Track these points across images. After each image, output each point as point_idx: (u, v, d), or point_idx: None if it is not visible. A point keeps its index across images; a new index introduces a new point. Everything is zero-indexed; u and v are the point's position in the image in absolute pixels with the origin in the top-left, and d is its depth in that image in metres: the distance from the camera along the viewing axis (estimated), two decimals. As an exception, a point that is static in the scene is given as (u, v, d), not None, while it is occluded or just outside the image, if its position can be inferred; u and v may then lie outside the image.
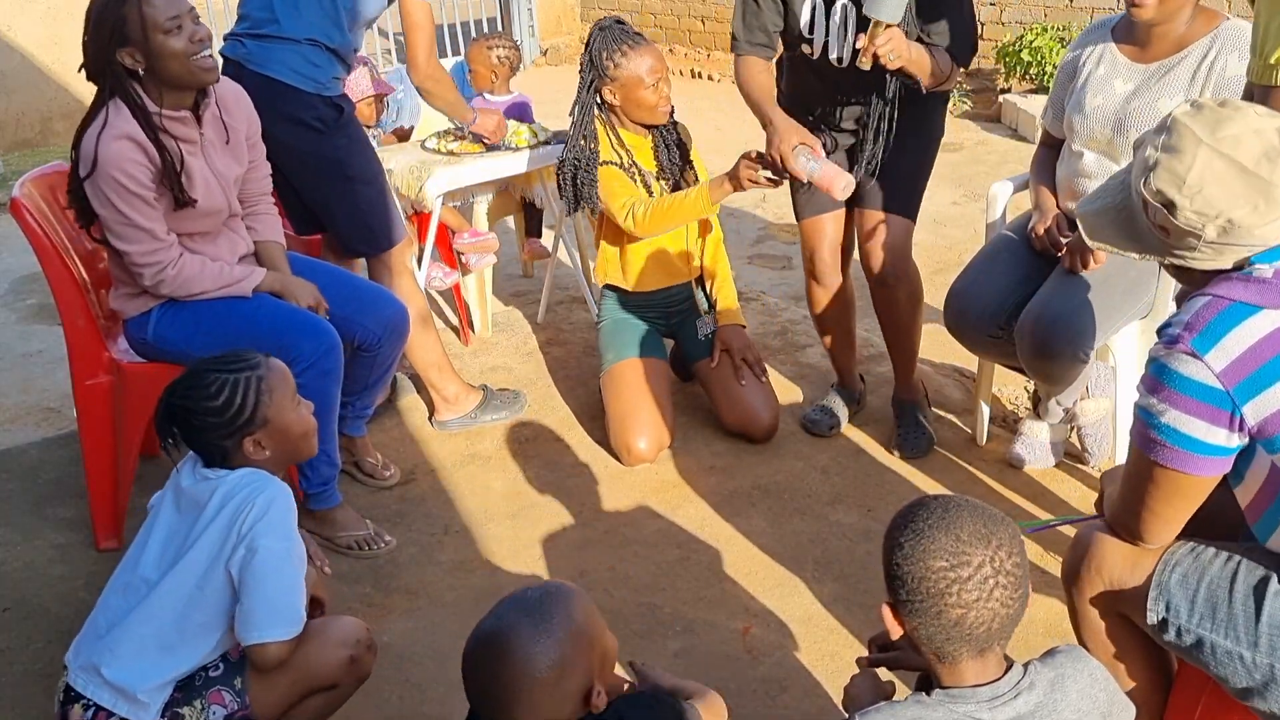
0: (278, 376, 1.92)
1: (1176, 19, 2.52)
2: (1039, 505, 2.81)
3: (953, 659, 1.35)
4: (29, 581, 2.71)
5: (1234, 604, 1.53)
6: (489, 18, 9.29)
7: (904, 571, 1.35)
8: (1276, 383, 1.43)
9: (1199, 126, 1.48)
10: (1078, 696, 1.37)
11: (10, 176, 6.20)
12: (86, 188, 2.41)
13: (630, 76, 3.10)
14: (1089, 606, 1.72)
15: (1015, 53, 6.80)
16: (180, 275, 2.50)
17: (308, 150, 2.93)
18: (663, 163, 3.27)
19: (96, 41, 2.39)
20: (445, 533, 2.86)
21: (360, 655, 1.91)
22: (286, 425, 1.91)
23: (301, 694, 1.86)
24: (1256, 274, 1.47)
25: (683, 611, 2.50)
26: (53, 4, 7.17)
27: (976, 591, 1.31)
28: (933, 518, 1.36)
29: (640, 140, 3.25)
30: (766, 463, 3.09)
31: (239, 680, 1.82)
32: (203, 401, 1.85)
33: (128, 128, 2.38)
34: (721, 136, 6.67)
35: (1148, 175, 1.51)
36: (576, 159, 3.17)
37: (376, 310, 2.85)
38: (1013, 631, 1.36)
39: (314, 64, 2.92)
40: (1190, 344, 1.46)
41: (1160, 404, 1.50)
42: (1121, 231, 1.60)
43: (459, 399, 3.34)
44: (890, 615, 1.39)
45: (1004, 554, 1.33)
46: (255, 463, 1.88)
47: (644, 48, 3.12)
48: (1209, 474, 1.52)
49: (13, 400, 3.71)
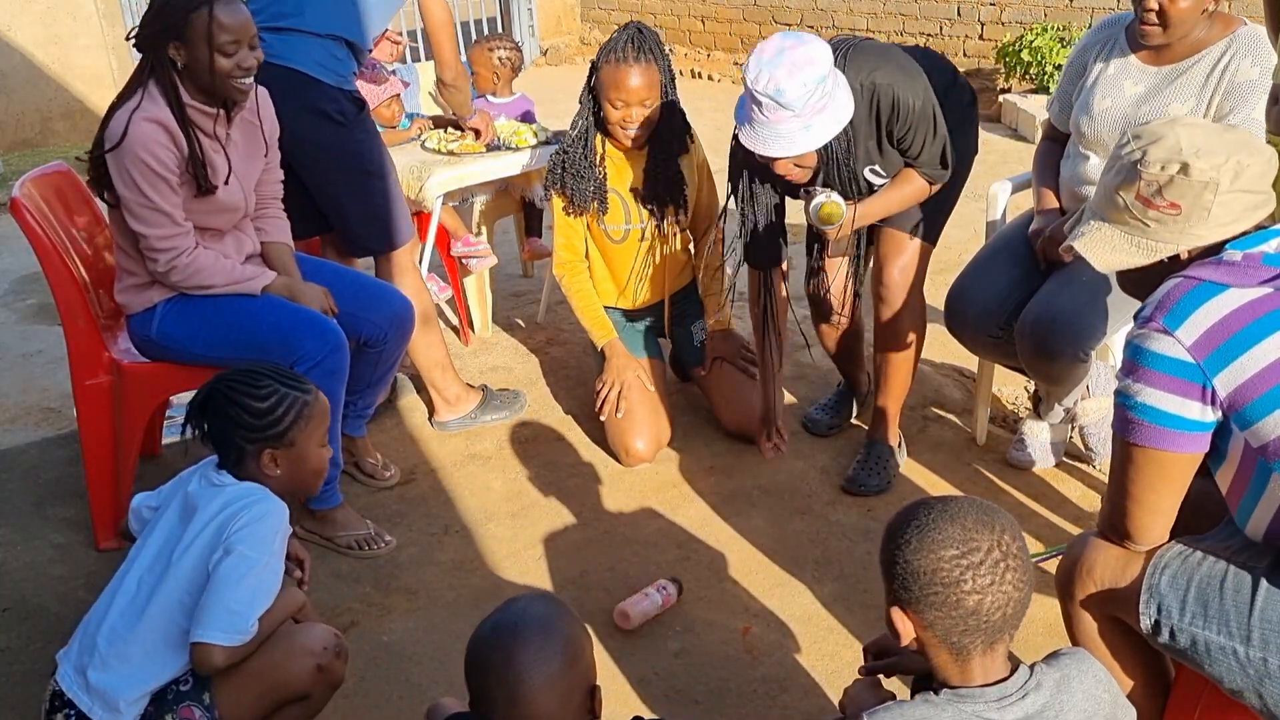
0: (320, 410, 1.97)
1: (1191, 31, 2.52)
2: (1039, 505, 2.81)
3: (966, 653, 1.35)
4: (29, 581, 2.70)
5: (1225, 600, 1.54)
6: (489, 17, 9.28)
7: (914, 567, 1.35)
8: (1244, 354, 1.47)
9: (1158, 123, 1.63)
10: (1083, 697, 1.37)
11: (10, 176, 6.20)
12: (109, 161, 2.43)
13: (603, 85, 3.00)
14: (1083, 612, 1.73)
15: (1015, 53, 6.80)
16: (193, 265, 2.51)
17: (329, 143, 2.93)
18: (646, 190, 3.13)
19: (156, 24, 2.41)
20: (445, 533, 2.86)
21: (329, 664, 1.88)
22: (307, 456, 1.95)
23: (271, 705, 1.84)
24: (1226, 258, 1.54)
25: (683, 611, 2.50)
26: (52, 4, 7.17)
27: (990, 575, 1.32)
28: (934, 513, 1.37)
29: (621, 155, 3.14)
30: (766, 463, 3.09)
31: (207, 695, 1.80)
32: (248, 399, 1.89)
33: (160, 113, 2.41)
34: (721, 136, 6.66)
35: (1142, 163, 1.59)
36: (564, 156, 3.13)
37: (382, 306, 2.85)
38: (1021, 620, 1.37)
39: (336, 57, 2.93)
40: (1161, 321, 1.52)
41: (1135, 384, 1.54)
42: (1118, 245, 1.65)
43: (459, 400, 3.34)
44: (901, 617, 1.39)
45: (1009, 538, 1.35)
46: (264, 478, 1.89)
47: (629, 67, 2.94)
48: (1187, 450, 1.55)
49: (13, 400, 3.71)
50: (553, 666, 1.45)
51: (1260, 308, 1.48)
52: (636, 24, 3.05)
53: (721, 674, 2.30)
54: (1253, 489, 1.54)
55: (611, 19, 10.41)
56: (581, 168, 3.10)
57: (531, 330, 4.09)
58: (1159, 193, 1.57)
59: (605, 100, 3.00)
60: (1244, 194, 1.56)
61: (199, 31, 2.37)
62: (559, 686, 1.45)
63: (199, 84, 2.44)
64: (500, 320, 4.18)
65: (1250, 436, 1.49)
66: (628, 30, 3.01)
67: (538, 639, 1.47)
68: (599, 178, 3.12)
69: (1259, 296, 1.49)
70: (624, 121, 3.01)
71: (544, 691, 1.44)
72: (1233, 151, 1.56)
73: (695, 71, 8.92)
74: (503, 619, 1.51)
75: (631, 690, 2.26)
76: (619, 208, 3.16)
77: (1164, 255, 1.61)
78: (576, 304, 3.25)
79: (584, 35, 10.61)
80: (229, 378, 1.93)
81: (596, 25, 10.57)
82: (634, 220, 3.18)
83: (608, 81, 2.98)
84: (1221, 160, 1.55)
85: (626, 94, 2.96)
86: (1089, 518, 2.72)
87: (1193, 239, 1.58)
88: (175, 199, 2.46)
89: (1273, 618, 1.49)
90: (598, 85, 3.03)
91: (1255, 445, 1.49)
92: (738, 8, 9.23)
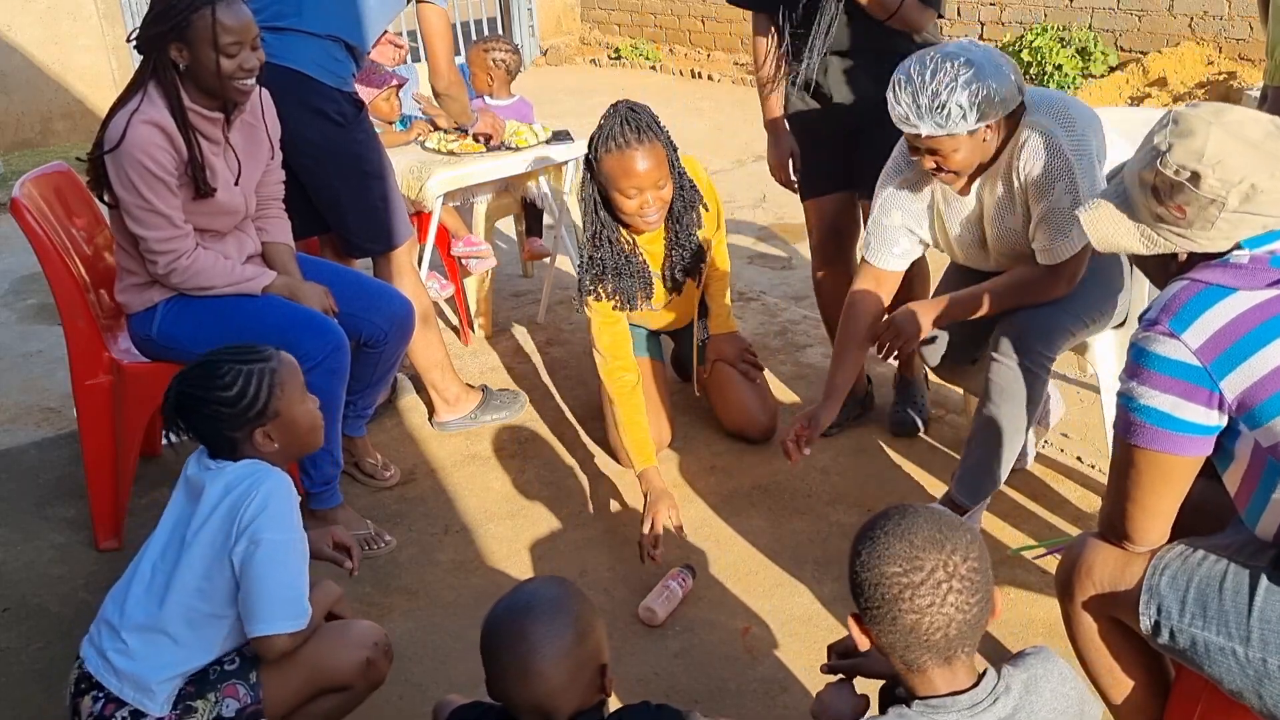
0: (288, 369, 1.93)
1: (977, 160, 2.37)
2: (1039, 505, 2.81)
3: (919, 667, 1.36)
4: (29, 581, 2.71)
5: (1224, 600, 1.54)
6: (489, 18, 9.29)
7: (861, 579, 1.37)
8: (1253, 356, 1.46)
9: (1205, 112, 1.54)
10: (1051, 696, 1.39)
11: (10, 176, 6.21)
12: (107, 163, 2.43)
13: (609, 178, 2.71)
14: (1083, 613, 1.73)
15: (1015, 53, 6.81)
16: (193, 266, 2.51)
17: (328, 144, 2.93)
18: (669, 268, 2.97)
19: (157, 25, 2.41)
20: (445, 533, 2.86)
21: (376, 659, 1.92)
22: (295, 418, 1.92)
23: (314, 692, 1.86)
24: (1233, 260, 1.52)
25: (683, 611, 2.50)
26: (52, 4, 7.18)
27: (930, 596, 1.31)
28: (889, 525, 1.37)
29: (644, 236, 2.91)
30: (766, 463, 3.09)
31: (254, 674, 1.83)
32: (216, 391, 1.85)
33: (159, 115, 2.41)
34: (722, 136, 6.67)
35: (1164, 156, 1.54)
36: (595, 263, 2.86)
37: (383, 306, 2.86)
38: (977, 639, 1.36)
39: (335, 59, 2.93)
40: (1168, 325, 1.50)
41: (1140, 386, 1.53)
42: (1121, 229, 1.63)
43: (459, 400, 3.34)
44: (855, 626, 1.41)
45: (958, 558, 1.33)
46: (263, 455, 1.88)
47: (633, 152, 2.65)
48: (1190, 453, 1.54)
49: (13, 400, 3.71)
50: (563, 641, 1.50)
51: (1269, 309, 1.47)
52: (626, 103, 2.76)
53: (721, 674, 2.30)
54: (1262, 488, 1.53)
55: (611, 19, 10.42)
56: (621, 266, 2.87)
57: (531, 330, 4.09)
58: (1170, 192, 1.55)
59: (615, 192, 2.72)
60: (1252, 217, 1.51)
61: (201, 32, 2.37)
62: (569, 661, 1.50)
63: (201, 85, 2.44)
64: (500, 320, 4.18)
65: (1261, 436, 1.49)
66: (618, 113, 2.71)
67: (548, 615, 1.52)
68: (642, 269, 2.93)
69: (1268, 298, 1.48)
70: (641, 210, 2.74)
71: (555, 664, 1.49)
72: (1253, 171, 1.49)
73: (695, 72, 8.91)
74: (516, 598, 1.56)
75: (631, 690, 2.26)
76: (660, 287, 3.04)
77: (1161, 250, 1.59)
78: (623, 421, 2.84)
79: (584, 35, 10.62)
80: (188, 379, 1.89)
81: (596, 25, 10.57)
82: (671, 292, 3.09)
83: (615, 172, 2.68)
84: (1235, 180, 1.49)
85: (639, 180, 2.69)
86: (1088, 518, 2.72)
87: (1192, 245, 1.57)
88: (174, 201, 2.46)
89: (1272, 618, 1.49)
90: (602, 178, 2.73)
91: (1266, 445, 1.49)
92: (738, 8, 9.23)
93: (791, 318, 4.07)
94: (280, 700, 1.84)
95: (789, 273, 4.55)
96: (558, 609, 1.53)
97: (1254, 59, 6.35)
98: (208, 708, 1.80)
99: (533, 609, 1.53)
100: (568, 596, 1.57)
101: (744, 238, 4.97)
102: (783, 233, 5.04)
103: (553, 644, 1.49)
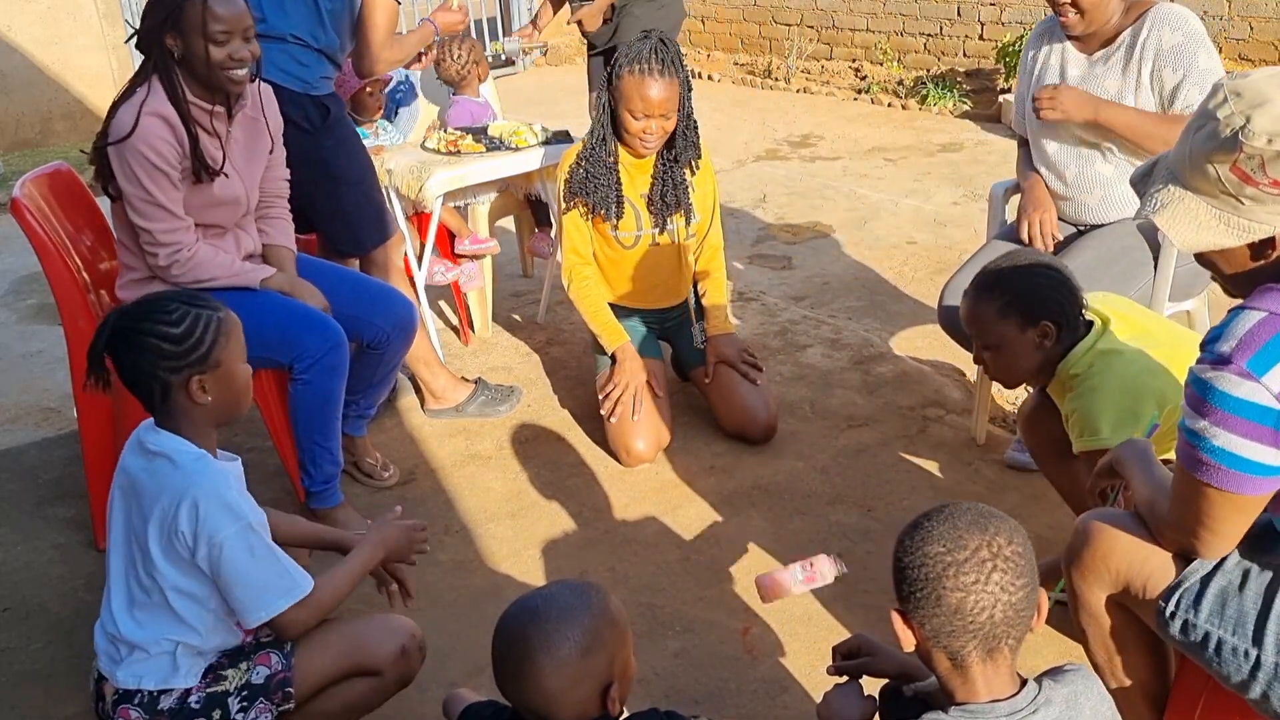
0: (234, 324, 1.86)
1: (1109, 18, 2.76)
2: (1038, 505, 2.81)
3: (963, 661, 1.33)
4: (29, 581, 2.71)
5: (1244, 602, 1.53)
6: (489, 17, 9.29)
7: (904, 563, 1.35)
8: None
9: (1262, 78, 1.42)
10: (1091, 714, 1.36)
11: (10, 176, 6.21)
12: (111, 154, 2.45)
13: (623, 95, 2.98)
14: (1091, 595, 1.71)
15: (1015, 53, 6.80)
16: (194, 259, 2.53)
17: (293, 150, 2.92)
18: (654, 194, 3.17)
19: (152, 18, 2.44)
20: (445, 533, 2.86)
21: (411, 650, 1.92)
22: (234, 374, 1.83)
23: (346, 670, 1.87)
24: None
25: (683, 611, 2.50)
26: (52, 4, 7.18)
27: (974, 574, 1.30)
28: (935, 516, 1.37)
29: (633, 162, 3.15)
30: (766, 463, 3.09)
31: (289, 644, 1.84)
32: (162, 326, 1.75)
33: (162, 107, 2.43)
34: (722, 136, 6.67)
35: (1245, 129, 1.39)
36: (586, 161, 3.11)
37: (385, 308, 2.86)
38: (1023, 633, 1.34)
39: (301, 63, 2.93)
40: (1245, 365, 1.40)
41: (1212, 426, 1.43)
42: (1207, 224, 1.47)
43: (445, 392, 3.39)
44: (899, 620, 1.38)
45: (1002, 540, 1.32)
46: (194, 408, 1.79)
47: (652, 79, 2.94)
48: (1263, 492, 1.48)
49: (13, 400, 3.71)
50: (562, 652, 1.45)
51: None
52: (660, 33, 3.01)
53: (721, 674, 2.30)
54: None
55: (611, 19, 10.39)
56: (601, 174, 3.10)
57: (531, 330, 4.09)
58: (1261, 167, 1.39)
59: (624, 109, 2.99)
60: None
61: (193, 21, 2.40)
62: (567, 671, 1.45)
63: (195, 75, 2.47)
64: (500, 320, 4.18)
65: None
66: (650, 40, 2.98)
67: (553, 622, 1.47)
68: (616, 185, 3.12)
69: None
70: (643, 133, 3.01)
71: (549, 673, 1.45)
72: None
73: (695, 71, 8.91)
74: (531, 599, 1.53)
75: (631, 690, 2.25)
76: (631, 215, 3.18)
77: (1258, 237, 1.44)
78: (585, 308, 3.22)
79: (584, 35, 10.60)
80: (131, 310, 1.79)
81: (596, 25, 10.55)
82: (645, 226, 3.20)
83: (629, 91, 2.96)
84: None
85: (648, 106, 2.96)
86: (1089, 518, 2.71)
87: None
88: (176, 194, 2.48)
89: None
90: (617, 92, 3.01)
91: None
92: (738, 8, 9.23)
93: (791, 318, 4.07)
94: (311, 671, 1.83)
95: (789, 272, 4.55)
96: (565, 617, 1.48)
97: (1254, 59, 6.35)
98: (238, 675, 1.80)
99: (540, 613, 1.49)
100: (584, 608, 1.50)
101: (744, 238, 4.97)
102: (782, 232, 5.04)
103: (550, 653, 1.45)
